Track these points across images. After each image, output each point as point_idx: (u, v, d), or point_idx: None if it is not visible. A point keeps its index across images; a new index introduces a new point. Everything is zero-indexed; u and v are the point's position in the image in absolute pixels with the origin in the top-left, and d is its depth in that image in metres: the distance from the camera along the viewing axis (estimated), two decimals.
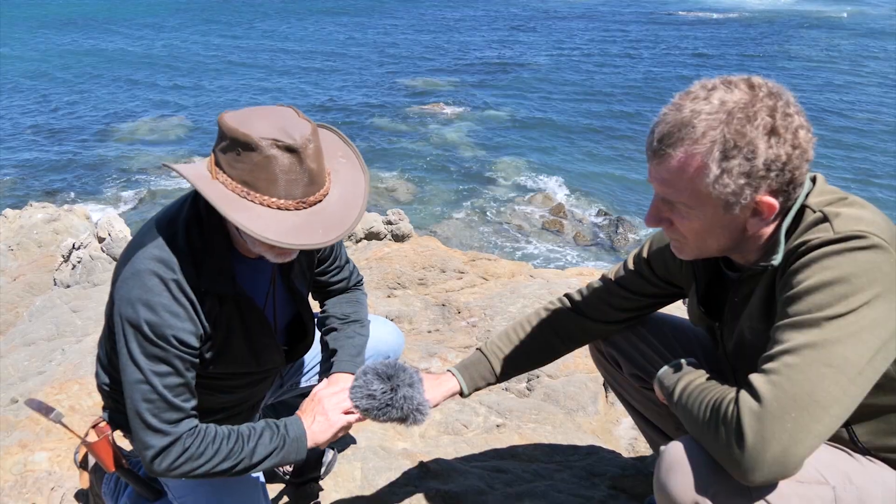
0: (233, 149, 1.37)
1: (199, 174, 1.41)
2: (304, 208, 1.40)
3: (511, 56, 24.76)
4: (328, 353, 1.90)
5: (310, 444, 1.59)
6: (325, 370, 1.90)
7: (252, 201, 1.37)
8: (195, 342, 1.48)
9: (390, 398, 1.59)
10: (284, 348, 1.78)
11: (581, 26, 30.51)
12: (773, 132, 1.16)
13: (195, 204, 1.50)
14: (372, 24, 30.93)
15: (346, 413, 1.64)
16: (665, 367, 1.41)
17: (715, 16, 32.74)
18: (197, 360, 1.51)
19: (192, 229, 1.48)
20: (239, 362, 1.64)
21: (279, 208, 1.38)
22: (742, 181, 1.18)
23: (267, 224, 1.36)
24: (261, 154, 1.35)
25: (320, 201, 1.43)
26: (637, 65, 23.20)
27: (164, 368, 1.44)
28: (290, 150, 1.36)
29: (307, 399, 1.70)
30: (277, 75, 22.13)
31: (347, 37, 28.27)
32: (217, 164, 1.41)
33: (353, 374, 1.77)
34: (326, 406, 1.64)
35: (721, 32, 28.50)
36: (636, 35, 28.28)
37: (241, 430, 1.54)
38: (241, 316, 1.58)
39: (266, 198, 1.37)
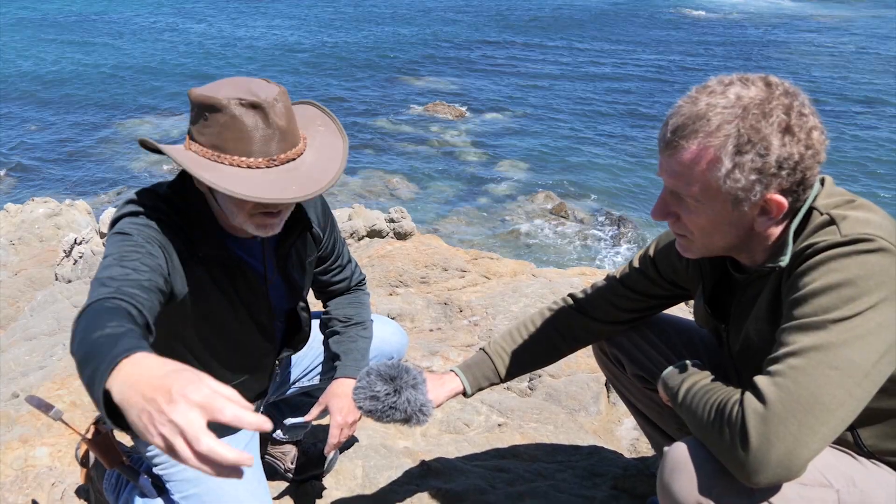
0: (201, 115, 1.36)
1: (173, 147, 1.40)
2: (276, 166, 1.37)
3: (513, 56, 24.72)
4: (331, 355, 1.89)
5: None
6: (327, 371, 1.89)
7: (222, 163, 1.35)
8: (164, 258, 1.38)
9: (394, 400, 1.58)
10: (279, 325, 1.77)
11: (582, 27, 30.43)
12: (787, 130, 1.16)
13: (174, 186, 1.49)
14: (370, 23, 30.91)
15: None
16: (669, 369, 1.41)
17: (714, 16, 32.74)
18: (162, 270, 1.35)
19: (175, 202, 1.46)
20: (225, 314, 1.60)
21: (249, 167, 1.35)
22: (753, 177, 1.18)
23: (237, 182, 1.33)
24: (226, 114, 1.33)
25: (294, 160, 1.40)
26: (639, 66, 23.14)
27: (129, 243, 1.33)
28: (254, 106, 1.34)
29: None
30: (278, 73, 22.21)
31: (346, 33, 28.25)
32: (190, 137, 1.41)
33: (356, 378, 1.77)
34: None
35: (721, 33, 28.50)
36: (638, 36, 28.23)
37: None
38: (231, 278, 1.55)
39: (235, 157, 1.35)
